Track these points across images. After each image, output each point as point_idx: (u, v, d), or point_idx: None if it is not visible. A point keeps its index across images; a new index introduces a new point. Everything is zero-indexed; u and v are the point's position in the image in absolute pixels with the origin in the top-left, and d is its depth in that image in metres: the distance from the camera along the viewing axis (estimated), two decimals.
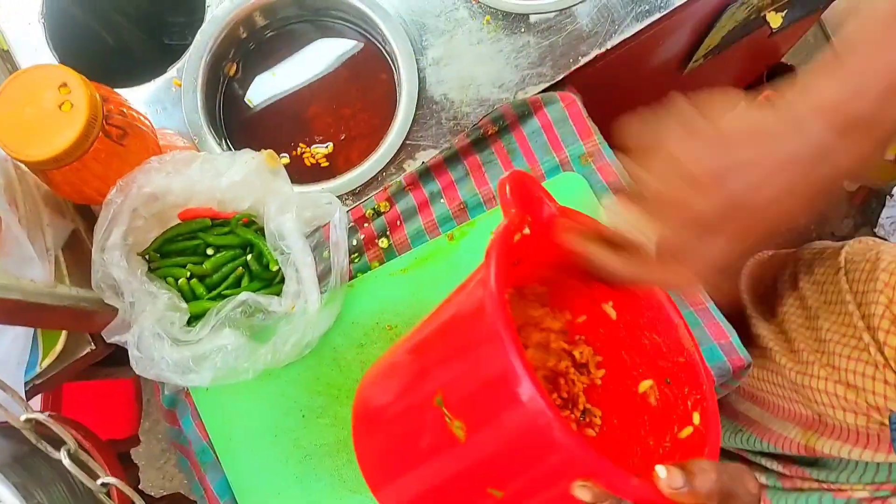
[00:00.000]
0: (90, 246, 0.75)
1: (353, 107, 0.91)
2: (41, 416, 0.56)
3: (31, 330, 0.73)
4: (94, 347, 0.79)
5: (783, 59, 1.67)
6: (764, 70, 1.65)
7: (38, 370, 0.75)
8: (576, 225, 0.58)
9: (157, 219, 0.79)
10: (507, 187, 0.56)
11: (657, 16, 0.86)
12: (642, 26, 0.85)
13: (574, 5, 0.87)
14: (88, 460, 0.57)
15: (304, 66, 0.93)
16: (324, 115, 0.92)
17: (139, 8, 0.84)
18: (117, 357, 0.78)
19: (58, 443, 0.56)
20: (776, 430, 0.89)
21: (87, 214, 0.82)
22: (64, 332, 0.76)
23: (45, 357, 0.76)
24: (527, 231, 0.56)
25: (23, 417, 0.55)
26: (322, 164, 0.89)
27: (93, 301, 0.73)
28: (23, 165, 0.71)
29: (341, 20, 0.93)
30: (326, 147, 0.91)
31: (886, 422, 0.73)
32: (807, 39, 1.82)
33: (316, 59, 0.94)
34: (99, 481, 0.57)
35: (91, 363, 0.81)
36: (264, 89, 0.93)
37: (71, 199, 0.78)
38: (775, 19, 1.12)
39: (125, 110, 0.75)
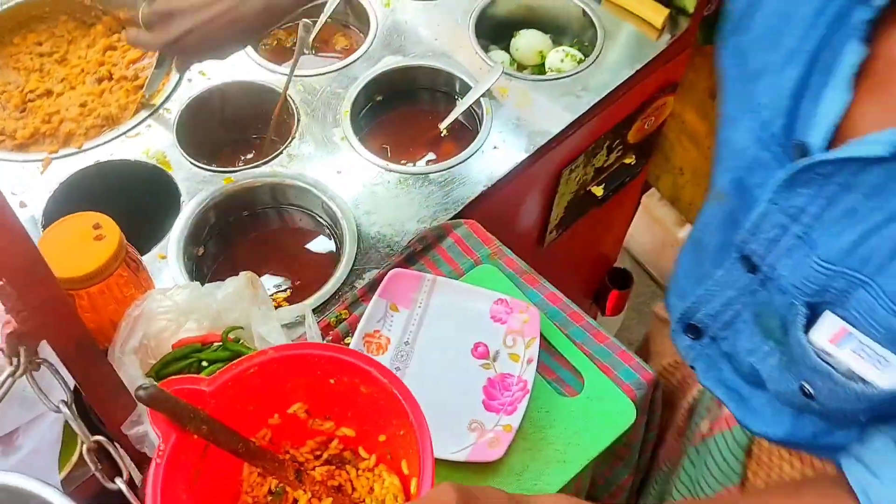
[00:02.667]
0: None
1: (302, 259, 1.15)
2: None
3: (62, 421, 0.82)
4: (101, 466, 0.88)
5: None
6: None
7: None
8: None
9: (156, 343, 0.93)
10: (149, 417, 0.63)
11: (516, 163, 1.19)
12: (507, 171, 1.17)
13: (460, 163, 1.19)
14: None
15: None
16: (280, 271, 1.14)
17: (125, 207, 1.04)
18: None
19: None
20: None
21: None
22: (80, 443, 0.85)
23: (62, 468, 0.84)
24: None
25: None
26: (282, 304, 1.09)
27: None
28: None
29: (291, 205, 1.20)
30: (285, 292, 1.11)
31: None
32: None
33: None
34: None
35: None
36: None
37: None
38: (598, 190, 1.50)
39: (134, 253, 0.94)
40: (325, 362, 0.71)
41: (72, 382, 0.69)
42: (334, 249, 1.16)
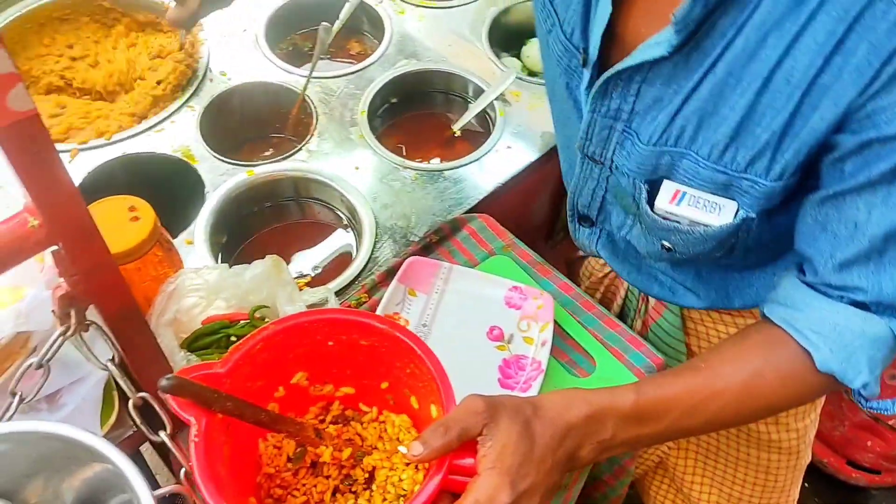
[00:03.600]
0: None
1: (321, 248, 1.18)
2: None
3: (104, 380, 0.85)
4: (134, 430, 0.91)
5: None
6: None
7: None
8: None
9: (188, 318, 0.97)
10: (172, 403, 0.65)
11: (527, 163, 1.23)
12: (518, 171, 1.22)
13: (473, 162, 1.23)
14: None
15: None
16: (300, 259, 1.18)
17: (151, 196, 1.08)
18: None
19: None
20: None
21: None
22: (117, 405, 0.89)
23: (102, 425, 0.87)
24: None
25: None
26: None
27: None
28: None
29: (311, 198, 1.24)
30: (306, 279, 1.15)
31: None
32: None
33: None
34: None
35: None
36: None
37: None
38: None
39: (166, 235, 0.98)
40: (324, 325, 0.75)
41: (117, 344, 0.73)
42: (353, 241, 1.19)
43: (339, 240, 1.21)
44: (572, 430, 0.70)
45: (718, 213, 0.76)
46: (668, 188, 0.78)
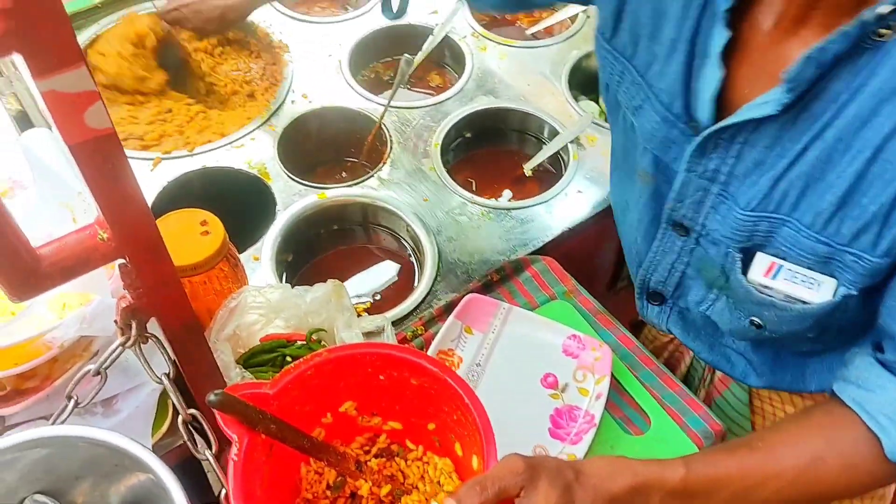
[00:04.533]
0: None
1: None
2: None
3: (160, 389, 0.84)
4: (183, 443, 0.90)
5: None
6: None
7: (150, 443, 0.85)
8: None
9: (247, 334, 0.96)
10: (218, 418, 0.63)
11: (598, 210, 1.19)
12: (588, 216, 1.18)
13: (542, 203, 1.20)
14: None
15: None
16: (362, 283, 1.16)
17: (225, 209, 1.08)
18: None
19: None
20: None
21: None
22: (171, 414, 0.88)
23: (153, 435, 0.86)
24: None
25: None
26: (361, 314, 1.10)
27: None
28: None
29: (379, 225, 1.23)
30: (365, 304, 1.13)
31: None
32: None
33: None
34: None
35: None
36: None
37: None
38: None
39: (234, 251, 0.97)
40: (376, 359, 0.72)
41: (173, 357, 0.72)
42: (415, 270, 1.18)
43: (402, 268, 1.19)
44: (614, 501, 0.65)
45: (817, 290, 0.71)
46: (762, 260, 0.73)
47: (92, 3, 1.41)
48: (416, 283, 1.12)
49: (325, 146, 1.36)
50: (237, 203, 1.19)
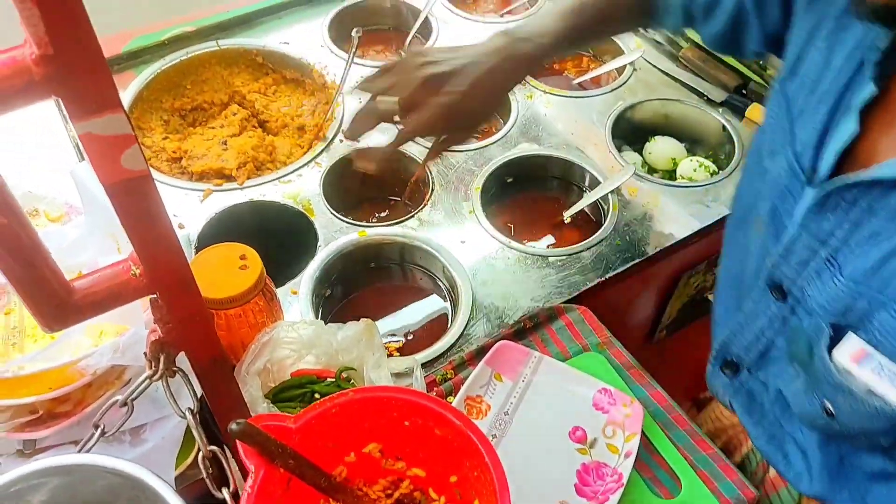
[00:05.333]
0: None
1: (417, 316, 1.15)
2: None
3: (185, 424, 0.84)
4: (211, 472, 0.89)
5: None
6: None
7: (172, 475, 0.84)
8: None
9: (278, 368, 0.95)
10: (241, 449, 0.62)
11: (637, 260, 1.16)
12: (626, 266, 1.15)
13: (580, 252, 1.17)
14: None
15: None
16: (395, 323, 1.15)
17: (268, 241, 1.09)
18: None
19: None
20: None
21: None
22: (196, 446, 0.87)
23: (177, 467, 0.86)
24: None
25: None
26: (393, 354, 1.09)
27: None
28: None
29: (415, 265, 1.22)
30: (398, 343, 1.12)
31: None
32: None
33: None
34: None
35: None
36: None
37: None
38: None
39: (270, 286, 0.98)
40: (402, 405, 0.71)
41: (199, 392, 0.71)
42: (448, 312, 1.16)
43: (436, 309, 1.18)
44: None
45: None
46: (853, 343, 0.67)
47: (158, 40, 1.45)
48: (449, 325, 1.10)
49: (369, 185, 1.36)
50: (281, 237, 1.20)
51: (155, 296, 0.62)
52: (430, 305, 1.19)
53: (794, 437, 0.84)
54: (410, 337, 1.13)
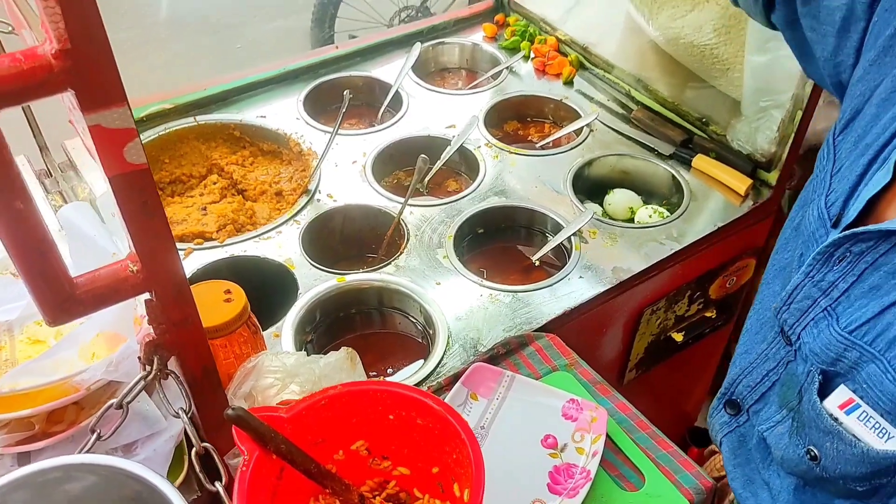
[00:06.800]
0: None
1: (397, 356, 1.20)
2: None
3: (177, 437, 0.87)
4: (199, 495, 0.92)
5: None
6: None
7: None
8: None
9: (263, 397, 0.99)
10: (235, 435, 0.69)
11: (599, 291, 1.23)
12: (590, 297, 1.22)
13: (547, 286, 1.24)
14: None
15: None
16: (376, 362, 1.20)
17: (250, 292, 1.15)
18: None
19: None
20: None
21: None
22: (187, 466, 0.90)
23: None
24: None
25: None
26: None
27: None
28: None
29: (393, 308, 1.28)
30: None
31: None
32: None
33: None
34: None
35: None
36: None
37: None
38: (678, 336, 1.50)
39: (254, 320, 1.03)
40: (386, 397, 0.76)
41: (191, 397, 0.76)
42: (428, 347, 1.21)
43: (415, 347, 1.23)
44: None
45: (885, 441, 0.66)
46: (842, 393, 0.69)
47: (136, 117, 1.54)
48: (427, 357, 1.15)
49: (347, 241, 1.44)
50: (262, 287, 1.25)
51: (150, 295, 0.68)
52: (409, 344, 1.24)
53: (768, 483, 0.86)
54: (390, 371, 1.18)
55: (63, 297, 0.62)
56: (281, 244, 1.33)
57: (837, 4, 0.76)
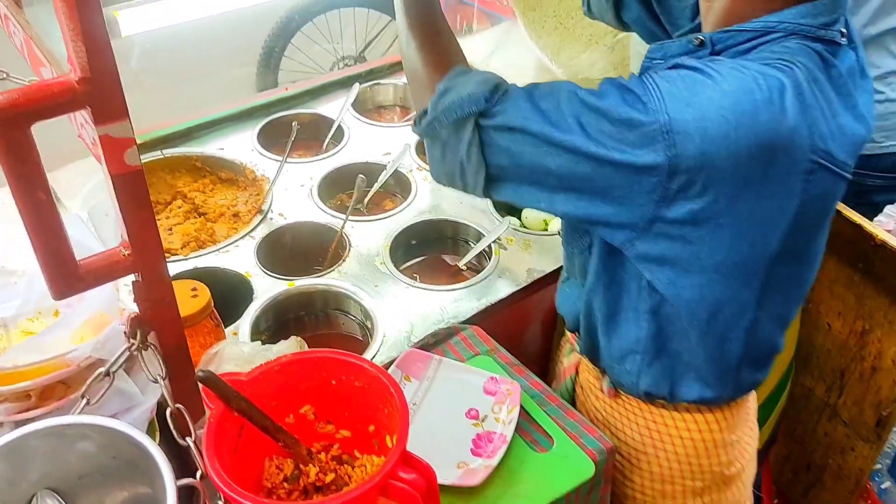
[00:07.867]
0: None
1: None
2: None
3: (150, 411, 1.00)
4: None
5: None
6: None
7: None
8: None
9: None
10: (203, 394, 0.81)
11: (516, 289, 1.42)
12: (508, 293, 1.40)
13: (471, 286, 1.42)
14: None
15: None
16: None
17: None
18: None
19: None
20: None
21: None
22: (158, 436, 1.03)
23: None
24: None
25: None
26: None
27: None
28: None
29: (337, 309, 1.43)
30: None
31: None
32: None
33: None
34: None
35: None
36: None
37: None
38: None
39: (217, 315, 1.17)
40: (329, 363, 0.89)
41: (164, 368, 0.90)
42: (368, 340, 1.36)
43: (357, 351, 1.39)
44: None
45: None
46: None
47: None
48: (367, 349, 1.30)
49: (297, 256, 1.59)
50: (222, 294, 1.38)
51: (136, 277, 0.82)
52: (351, 343, 1.39)
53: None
54: None
55: (69, 274, 0.75)
56: (239, 257, 1.47)
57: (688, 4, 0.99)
